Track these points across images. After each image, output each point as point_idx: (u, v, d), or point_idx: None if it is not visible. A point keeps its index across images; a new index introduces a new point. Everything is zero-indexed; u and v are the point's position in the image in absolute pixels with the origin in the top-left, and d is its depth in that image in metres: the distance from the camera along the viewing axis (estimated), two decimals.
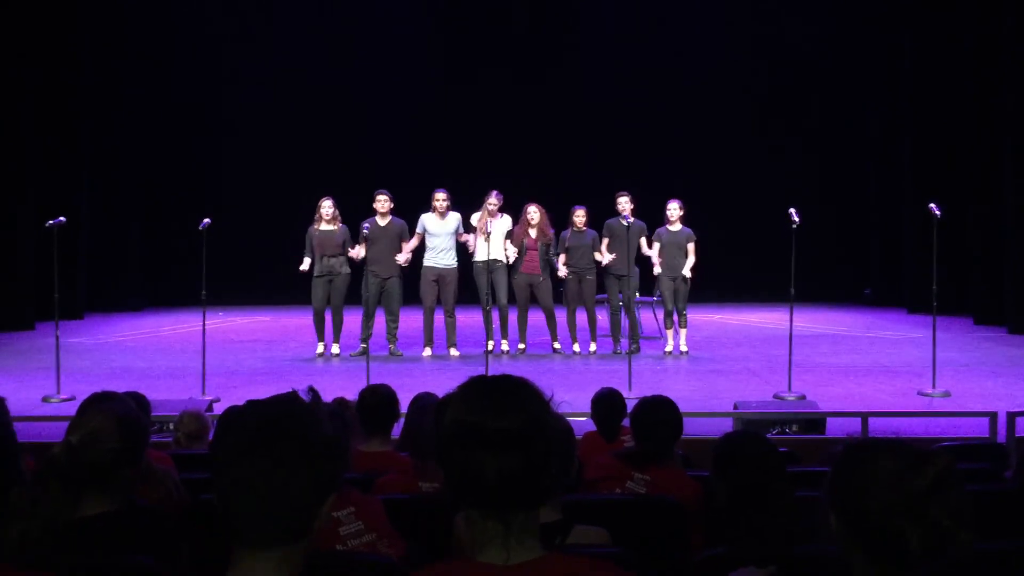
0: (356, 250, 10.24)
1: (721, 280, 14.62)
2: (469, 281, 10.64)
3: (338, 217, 10.40)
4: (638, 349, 10.35)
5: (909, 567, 1.72)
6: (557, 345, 10.71)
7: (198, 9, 15.59)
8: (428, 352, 10.51)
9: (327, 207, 10.33)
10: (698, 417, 7.17)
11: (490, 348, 10.28)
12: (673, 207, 10.49)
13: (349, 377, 8.95)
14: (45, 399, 8.20)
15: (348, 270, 10.41)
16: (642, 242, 10.48)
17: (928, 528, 1.70)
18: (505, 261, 10.42)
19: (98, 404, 2.87)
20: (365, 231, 9.90)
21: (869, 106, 15.47)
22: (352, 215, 10.50)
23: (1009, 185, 12.32)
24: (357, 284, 10.45)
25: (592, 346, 10.68)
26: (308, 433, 1.73)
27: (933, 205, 8.57)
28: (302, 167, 15.11)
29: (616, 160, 15.05)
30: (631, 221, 9.98)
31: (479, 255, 10.34)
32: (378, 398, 4.34)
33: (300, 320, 12.72)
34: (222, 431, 1.75)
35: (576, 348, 10.69)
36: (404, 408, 4.46)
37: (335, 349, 10.56)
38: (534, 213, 10.41)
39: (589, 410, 4.97)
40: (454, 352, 10.50)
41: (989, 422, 6.59)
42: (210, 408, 7.17)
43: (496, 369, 9.26)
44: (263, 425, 1.72)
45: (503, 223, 10.43)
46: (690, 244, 10.48)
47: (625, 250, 10.12)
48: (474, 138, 15.28)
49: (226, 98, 15.72)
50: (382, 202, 10.36)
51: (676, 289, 10.51)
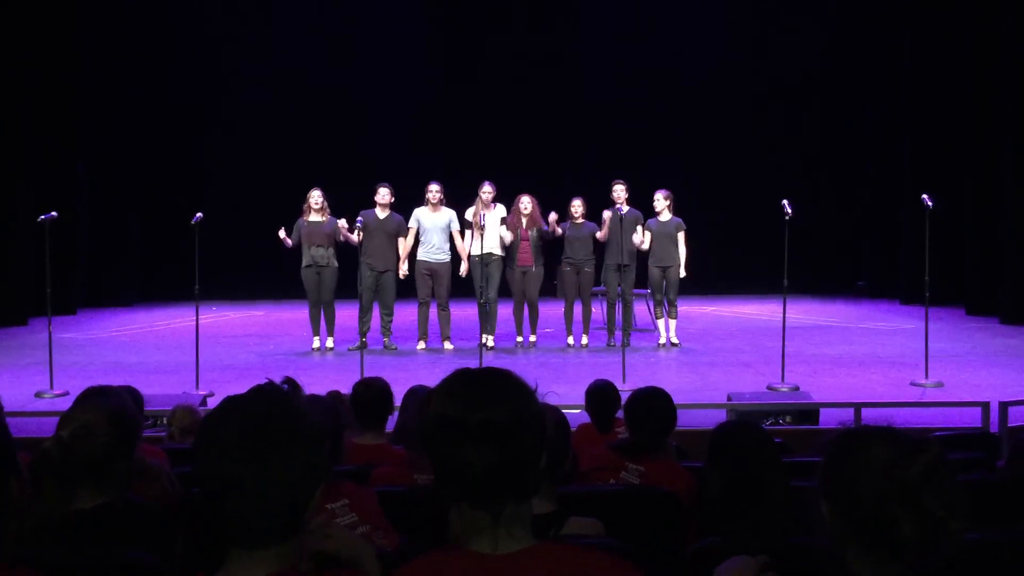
0: (354, 235, 10.18)
1: (715, 272, 14.63)
2: (465, 277, 10.62)
3: (327, 209, 10.40)
4: (628, 342, 10.34)
5: (901, 556, 1.72)
6: (533, 339, 10.71)
7: (198, 9, 15.54)
8: (422, 345, 10.51)
9: (316, 197, 10.34)
10: (692, 409, 7.19)
11: (484, 342, 10.29)
12: (659, 197, 10.49)
13: (343, 371, 8.95)
14: (38, 394, 8.19)
15: (335, 264, 10.41)
16: (637, 230, 10.45)
17: (920, 517, 1.70)
18: (501, 253, 10.41)
19: (91, 399, 2.87)
20: (359, 223, 9.82)
21: (869, 106, 15.46)
22: (351, 212, 10.46)
23: (1008, 182, 12.33)
24: (350, 277, 10.44)
25: (584, 339, 10.69)
26: (292, 426, 1.72)
27: (925, 196, 8.59)
28: (300, 166, 15.06)
29: (615, 158, 14.97)
30: (625, 211, 10.00)
31: (474, 249, 10.34)
32: (372, 391, 4.34)
33: (294, 315, 12.71)
34: (204, 431, 1.73)
35: (570, 340, 10.70)
36: (398, 401, 4.47)
37: (329, 343, 10.55)
38: (527, 204, 10.40)
39: (583, 402, 4.98)
40: (448, 345, 10.50)
41: (981, 412, 6.62)
42: (204, 403, 7.17)
43: (490, 363, 9.27)
44: (245, 421, 1.70)
45: (497, 213, 10.42)
46: (680, 234, 10.48)
47: (619, 241, 10.12)
48: (473, 137, 15.24)
49: (225, 97, 15.67)
50: (383, 195, 10.36)
51: (666, 279, 10.51)
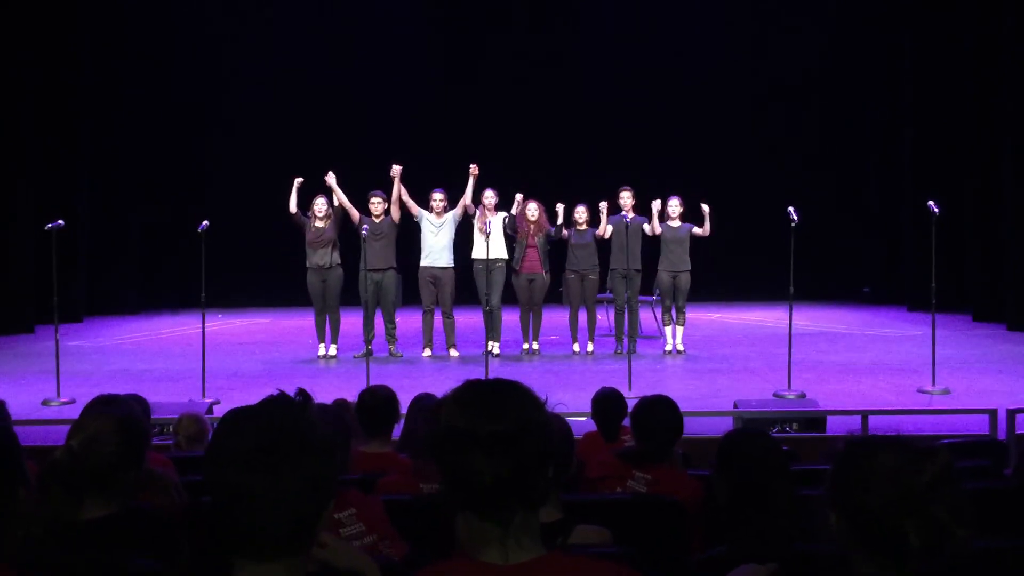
0: (330, 177, 10.40)
1: (720, 279, 14.63)
2: (468, 282, 10.64)
3: (331, 215, 10.42)
4: (634, 349, 10.32)
5: (909, 564, 1.72)
6: (536, 346, 10.72)
7: (198, 9, 15.58)
8: (428, 353, 10.51)
9: (320, 205, 10.36)
10: (698, 416, 7.18)
11: (490, 349, 10.29)
12: (674, 203, 10.49)
13: (349, 378, 8.95)
14: (45, 402, 8.19)
15: (339, 266, 10.43)
16: (645, 228, 10.45)
17: (927, 525, 1.70)
18: (505, 256, 10.40)
19: (99, 408, 2.87)
20: (364, 232, 9.91)
21: (869, 106, 15.47)
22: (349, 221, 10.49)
23: (1008, 183, 12.33)
24: (354, 285, 10.47)
25: (590, 346, 10.67)
26: (304, 437, 1.70)
27: (932, 203, 8.57)
28: (302, 168, 15.06)
29: (616, 160, 15.04)
30: (631, 219, 10.03)
31: (478, 253, 10.34)
32: (377, 400, 4.34)
33: (299, 322, 12.72)
34: (216, 440, 1.72)
35: (576, 347, 10.69)
36: (404, 409, 4.46)
37: (333, 350, 10.57)
38: (533, 211, 10.40)
39: (589, 410, 4.97)
40: (454, 353, 10.50)
41: (989, 419, 6.59)
42: (210, 410, 7.17)
43: (496, 370, 9.26)
44: (258, 432, 1.69)
45: (491, 224, 10.40)
46: (696, 229, 10.48)
47: (625, 249, 10.13)
48: (474, 138, 15.23)
49: (226, 100, 15.72)
50: (376, 204, 10.40)
51: (676, 286, 10.52)
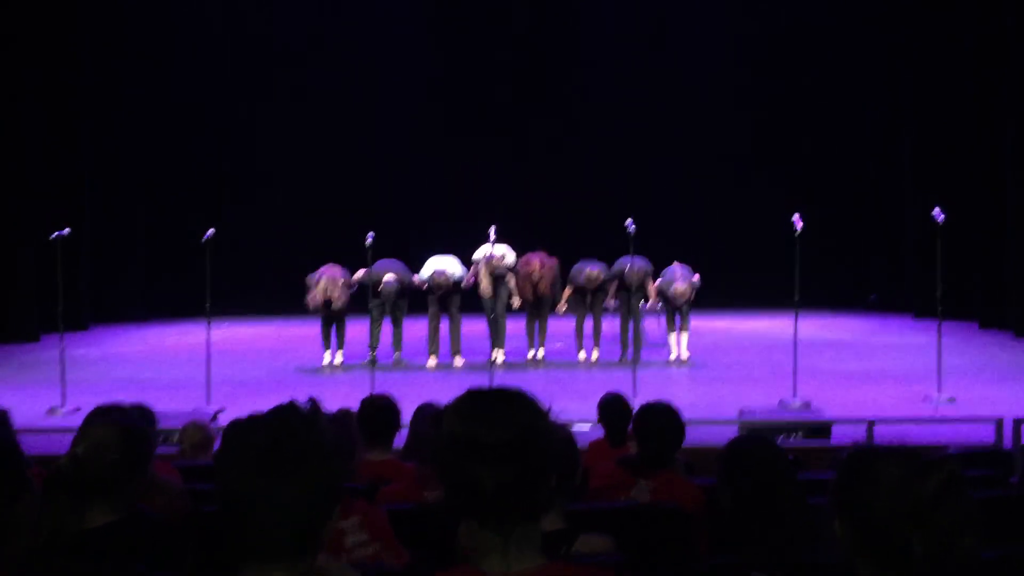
0: (358, 274, 10.26)
1: (725, 287, 14.59)
2: (474, 290, 10.63)
3: (343, 292, 10.22)
4: (639, 357, 10.29)
5: (913, 573, 1.72)
6: (541, 354, 10.70)
7: (198, 9, 15.60)
8: (433, 361, 10.51)
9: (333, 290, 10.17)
10: (703, 425, 7.17)
11: (494, 358, 10.30)
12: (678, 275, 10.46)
13: (354, 386, 8.94)
14: (51, 411, 8.21)
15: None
16: (648, 287, 10.43)
17: (933, 535, 1.70)
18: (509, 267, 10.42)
19: (102, 416, 2.88)
20: (370, 240, 9.81)
21: (869, 107, 15.46)
22: (350, 226, 10.47)
23: (1013, 189, 12.31)
24: (361, 294, 10.46)
25: (595, 354, 10.67)
26: (313, 445, 1.74)
27: (936, 210, 8.55)
28: (307, 175, 15.14)
29: (616, 168, 15.05)
30: (633, 229, 10.06)
31: (484, 289, 10.34)
32: (378, 408, 4.34)
33: (304, 330, 12.71)
34: (226, 446, 1.76)
35: (581, 355, 10.69)
36: (406, 418, 4.46)
37: (339, 359, 10.57)
38: (536, 275, 10.20)
39: (595, 418, 4.97)
40: (459, 361, 10.50)
41: (995, 428, 6.58)
42: (215, 418, 7.18)
43: (501, 378, 9.27)
44: (268, 439, 1.72)
45: (507, 257, 10.42)
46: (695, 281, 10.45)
47: (629, 283, 10.14)
48: (472, 144, 15.30)
49: (229, 107, 15.71)
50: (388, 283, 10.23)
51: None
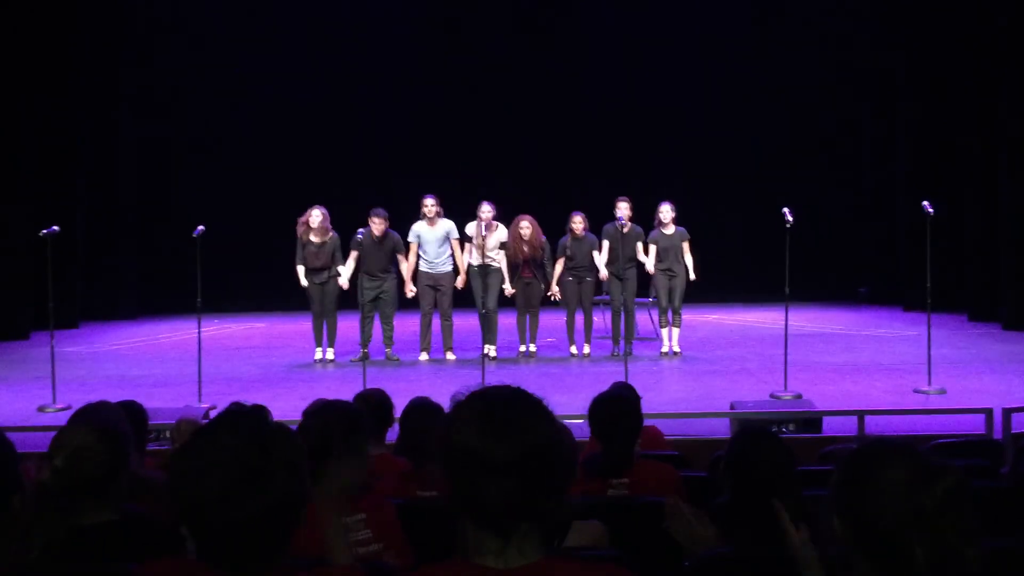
0: (342, 275, 10.22)
1: (716, 280, 14.62)
2: (465, 285, 10.62)
3: (328, 229, 10.32)
4: (630, 351, 10.32)
5: None
6: (533, 348, 10.71)
7: (196, 11, 15.56)
8: (425, 356, 10.51)
9: (316, 218, 10.20)
10: (695, 418, 7.20)
11: (486, 352, 10.31)
12: (665, 209, 10.52)
13: (346, 382, 8.94)
14: (41, 409, 8.19)
15: (342, 280, 10.36)
16: (639, 248, 10.49)
17: (935, 544, 1.69)
18: (500, 263, 10.43)
19: (80, 418, 2.86)
20: (360, 237, 9.78)
21: (865, 105, 15.49)
22: (347, 220, 10.46)
23: (1004, 182, 12.35)
24: (352, 289, 10.44)
25: (586, 348, 10.69)
26: (265, 456, 1.74)
27: (926, 203, 8.60)
28: (297, 171, 15.11)
29: (612, 160, 15.06)
30: (625, 224, 10.07)
31: (474, 259, 10.34)
32: (371, 403, 4.33)
33: (296, 326, 12.71)
34: (177, 465, 1.77)
35: (573, 350, 10.70)
36: (398, 413, 4.46)
37: (330, 354, 10.56)
38: (526, 229, 10.37)
39: (585, 412, 4.95)
40: (451, 356, 10.50)
41: (985, 419, 6.60)
42: (206, 416, 7.16)
43: (493, 373, 9.27)
44: (218, 455, 1.73)
45: (498, 234, 10.41)
46: (684, 243, 10.51)
47: (620, 250, 10.17)
48: (470, 139, 15.29)
49: (220, 104, 15.69)
50: (376, 224, 10.22)
51: (672, 288, 10.53)
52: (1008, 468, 4.37)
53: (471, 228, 10.41)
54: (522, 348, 10.72)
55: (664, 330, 10.74)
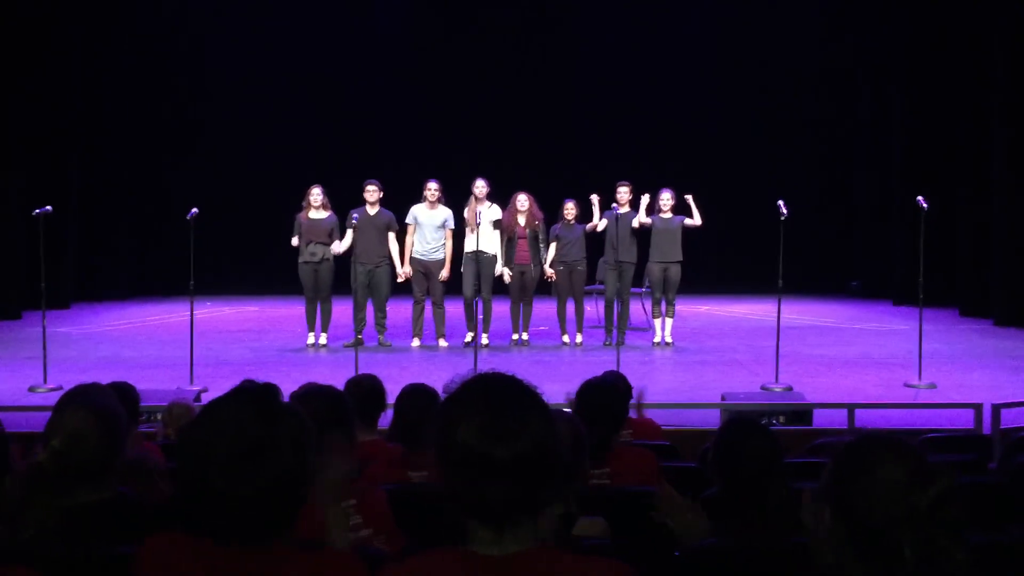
0: (336, 245, 10.23)
1: (709, 271, 14.66)
2: (457, 271, 10.62)
3: (327, 205, 10.39)
4: (623, 341, 10.33)
5: (900, 574, 1.72)
6: (525, 336, 10.71)
7: None
8: (416, 343, 10.51)
9: (316, 194, 10.31)
10: (686, 408, 7.21)
11: (469, 340, 10.34)
12: (665, 196, 10.52)
13: (338, 367, 8.94)
14: (32, 389, 8.17)
15: (332, 259, 10.38)
16: (633, 223, 10.46)
17: (925, 544, 1.70)
18: (494, 252, 10.40)
19: (76, 401, 2.85)
20: (354, 219, 9.87)
21: (859, 99, 15.50)
22: (346, 205, 10.46)
23: (997, 178, 12.37)
24: (345, 274, 10.44)
25: (579, 337, 10.69)
26: (274, 434, 1.74)
27: (920, 198, 8.62)
28: (294, 159, 15.06)
29: (607, 151, 15.04)
30: (622, 212, 10.08)
31: (468, 246, 10.33)
32: (364, 389, 4.32)
33: (288, 311, 12.70)
34: (186, 440, 1.77)
35: (565, 339, 10.70)
36: (391, 399, 4.45)
37: (323, 339, 10.55)
38: (523, 201, 10.41)
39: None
40: (443, 343, 10.50)
41: (974, 414, 6.63)
42: (198, 398, 7.16)
43: (485, 360, 9.26)
44: (227, 431, 1.74)
45: (492, 212, 10.41)
46: (687, 220, 10.51)
47: (616, 240, 10.16)
48: (466, 125, 15.25)
49: (214, 86, 15.64)
50: (371, 192, 10.34)
51: (667, 278, 10.53)
52: (996, 463, 4.39)
53: (467, 210, 10.40)
54: (514, 336, 10.72)
55: (657, 320, 10.75)
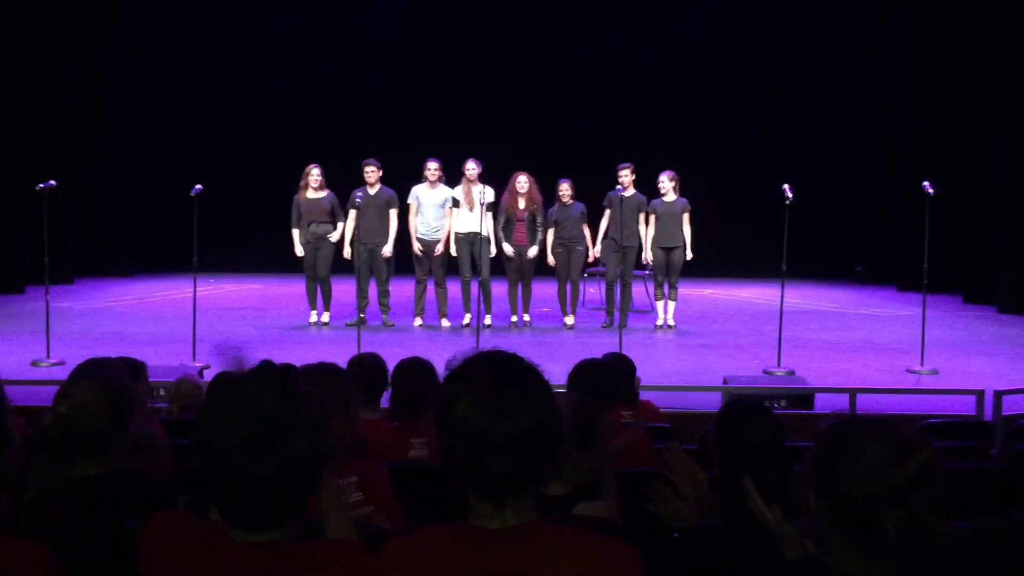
0: (335, 234, 10.26)
1: (713, 255, 14.61)
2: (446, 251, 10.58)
3: (324, 185, 10.37)
4: (625, 323, 10.31)
5: (884, 552, 1.73)
6: (527, 318, 10.69)
7: None
8: (419, 322, 10.52)
9: (315, 174, 10.29)
10: (687, 391, 7.22)
11: (466, 322, 10.34)
12: (664, 179, 10.49)
13: (340, 345, 8.95)
14: (34, 363, 8.19)
15: (333, 239, 10.37)
16: (640, 218, 10.45)
17: (907, 519, 1.71)
18: (487, 233, 10.29)
19: (87, 374, 2.89)
20: (358, 199, 9.86)
21: (865, 85, 15.43)
22: (345, 185, 10.44)
23: (1002, 165, 12.32)
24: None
25: (571, 319, 10.59)
26: (292, 420, 1.73)
27: (926, 183, 8.60)
28: (294, 133, 15.04)
29: (610, 133, 15.00)
30: (624, 193, 10.06)
31: (462, 227, 10.30)
32: (366, 367, 4.33)
33: (291, 288, 12.70)
34: (204, 423, 1.76)
35: (568, 320, 10.66)
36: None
37: (325, 317, 10.56)
38: (523, 183, 10.33)
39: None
40: (445, 323, 10.50)
41: (976, 400, 6.63)
42: (200, 375, 7.17)
43: (488, 340, 9.27)
44: (246, 414, 1.72)
45: (486, 196, 10.31)
46: (685, 215, 10.47)
47: (619, 222, 10.15)
48: (465, 106, 15.19)
49: (218, 63, 15.60)
50: (370, 172, 10.30)
51: (669, 261, 10.51)
52: (998, 450, 4.39)
53: (459, 191, 10.36)
54: (513, 318, 10.67)
55: (659, 303, 10.74)
